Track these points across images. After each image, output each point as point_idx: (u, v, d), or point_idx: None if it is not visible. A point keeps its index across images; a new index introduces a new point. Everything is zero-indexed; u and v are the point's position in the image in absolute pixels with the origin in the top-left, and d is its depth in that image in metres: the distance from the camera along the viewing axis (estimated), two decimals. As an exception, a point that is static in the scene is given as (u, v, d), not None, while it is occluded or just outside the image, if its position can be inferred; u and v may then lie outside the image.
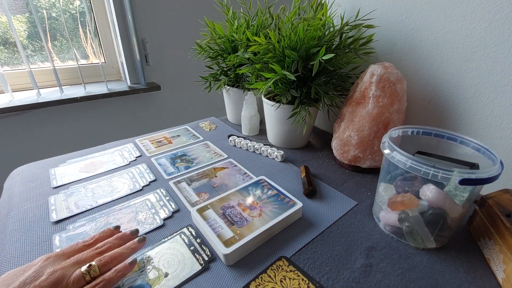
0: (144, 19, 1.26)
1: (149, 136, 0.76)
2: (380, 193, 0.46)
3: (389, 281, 0.37)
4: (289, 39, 0.56)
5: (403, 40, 0.60)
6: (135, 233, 0.40)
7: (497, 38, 0.48)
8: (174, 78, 1.45)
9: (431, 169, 0.35)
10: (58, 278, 0.30)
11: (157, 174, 0.59)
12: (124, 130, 1.39)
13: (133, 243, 0.38)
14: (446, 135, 0.46)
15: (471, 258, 0.40)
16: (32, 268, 0.30)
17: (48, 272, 0.30)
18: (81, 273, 0.32)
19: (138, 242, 0.38)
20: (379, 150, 0.57)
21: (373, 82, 0.54)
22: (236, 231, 0.41)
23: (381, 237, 0.44)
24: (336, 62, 0.59)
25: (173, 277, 0.36)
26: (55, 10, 1.17)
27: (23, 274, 0.30)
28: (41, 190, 0.53)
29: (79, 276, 0.31)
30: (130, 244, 0.37)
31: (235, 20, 0.74)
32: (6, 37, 1.10)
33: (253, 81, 0.64)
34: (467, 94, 0.53)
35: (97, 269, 0.33)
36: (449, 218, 0.39)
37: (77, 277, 0.31)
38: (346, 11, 0.69)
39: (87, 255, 0.34)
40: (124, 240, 0.38)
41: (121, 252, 0.36)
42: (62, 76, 1.22)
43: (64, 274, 0.31)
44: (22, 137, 1.15)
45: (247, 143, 0.70)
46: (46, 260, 0.32)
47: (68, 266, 0.32)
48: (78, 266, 0.33)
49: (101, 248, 0.36)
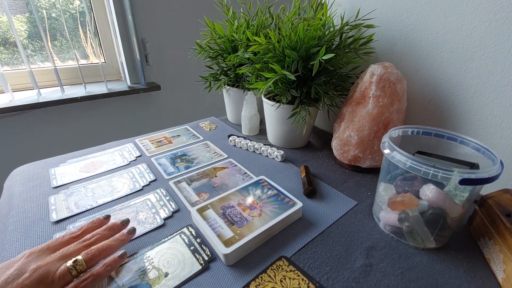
0: (144, 19, 1.26)
1: (149, 136, 0.76)
2: (380, 193, 0.46)
3: (389, 281, 0.37)
4: (289, 39, 0.56)
5: (403, 40, 0.60)
6: (125, 222, 0.38)
7: (497, 38, 0.48)
8: (174, 78, 1.45)
9: (431, 169, 0.35)
10: (42, 275, 0.28)
11: (157, 174, 0.59)
12: (124, 130, 1.39)
13: (122, 235, 0.36)
14: (446, 135, 0.46)
15: (471, 258, 0.40)
16: (14, 265, 0.28)
17: (31, 269, 0.28)
18: (67, 268, 0.29)
19: (127, 233, 0.36)
20: (379, 150, 0.57)
21: (373, 82, 0.54)
22: (236, 231, 0.41)
23: (381, 237, 0.44)
24: (336, 62, 0.59)
25: (173, 277, 0.36)
26: (55, 10, 1.17)
27: (5, 273, 0.27)
28: (41, 190, 0.53)
29: (64, 271, 0.29)
30: (119, 236, 0.36)
31: (235, 20, 0.74)
32: (7, 37, 1.10)
33: (253, 81, 0.64)
34: (467, 94, 0.53)
35: (83, 263, 0.31)
36: (449, 218, 0.39)
37: (63, 272, 0.29)
38: (346, 11, 0.69)
39: (73, 249, 0.32)
40: (114, 231, 0.36)
41: (110, 244, 0.34)
42: (62, 76, 1.22)
43: (49, 271, 0.28)
44: (22, 137, 1.15)
45: (247, 143, 0.70)
46: (29, 256, 0.29)
47: (53, 261, 0.29)
48: (64, 260, 0.30)
49: (89, 240, 0.34)
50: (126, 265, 0.38)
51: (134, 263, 0.38)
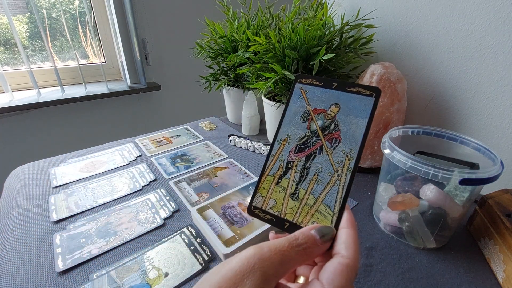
0: (145, 18, 1.26)
1: (149, 136, 0.76)
2: (380, 193, 0.46)
3: (389, 281, 0.37)
4: (289, 39, 0.56)
5: (403, 40, 0.60)
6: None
7: (497, 38, 0.48)
8: (174, 78, 1.45)
9: (432, 169, 0.35)
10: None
11: (157, 174, 0.59)
12: (124, 130, 1.39)
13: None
14: (446, 135, 0.46)
15: (471, 258, 0.40)
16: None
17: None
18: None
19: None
20: (379, 150, 0.57)
21: (373, 82, 0.54)
22: (236, 231, 0.41)
23: (381, 237, 0.44)
24: (336, 62, 0.59)
25: (173, 276, 0.36)
26: (55, 10, 1.17)
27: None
28: (41, 189, 0.53)
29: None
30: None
31: (235, 20, 0.74)
32: (7, 37, 1.10)
33: (253, 81, 0.64)
34: (467, 94, 0.53)
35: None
36: (449, 218, 0.39)
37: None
38: (347, 11, 0.69)
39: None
40: None
41: None
42: (62, 76, 1.22)
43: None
44: (22, 137, 1.15)
45: (247, 143, 0.70)
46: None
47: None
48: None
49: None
50: (126, 265, 0.38)
51: (134, 263, 0.38)
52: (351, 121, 0.25)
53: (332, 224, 0.23)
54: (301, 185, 0.25)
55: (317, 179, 0.25)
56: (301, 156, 0.26)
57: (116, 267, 0.38)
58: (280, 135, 0.27)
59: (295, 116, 0.27)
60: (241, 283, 0.17)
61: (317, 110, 0.27)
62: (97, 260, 0.39)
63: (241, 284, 0.17)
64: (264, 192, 0.26)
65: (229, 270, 0.18)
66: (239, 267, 0.18)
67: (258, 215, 0.26)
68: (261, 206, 0.26)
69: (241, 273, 0.18)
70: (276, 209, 0.25)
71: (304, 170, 0.26)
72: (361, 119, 0.25)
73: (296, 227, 0.22)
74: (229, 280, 0.17)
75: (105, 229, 0.44)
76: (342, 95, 0.26)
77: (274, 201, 0.26)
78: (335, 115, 0.26)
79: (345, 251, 0.20)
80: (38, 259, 0.39)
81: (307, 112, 0.27)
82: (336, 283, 0.19)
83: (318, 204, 0.24)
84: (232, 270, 0.18)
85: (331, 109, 0.26)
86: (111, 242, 0.42)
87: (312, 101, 0.27)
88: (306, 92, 0.28)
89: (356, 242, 0.21)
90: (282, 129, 0.27)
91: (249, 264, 0.18)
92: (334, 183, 0.24)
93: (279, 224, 0.25)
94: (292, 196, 0.25)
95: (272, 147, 0.27)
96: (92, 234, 0.43)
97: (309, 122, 0.27)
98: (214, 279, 0.18)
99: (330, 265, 0.20)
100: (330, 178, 0.24)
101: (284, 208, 0.25)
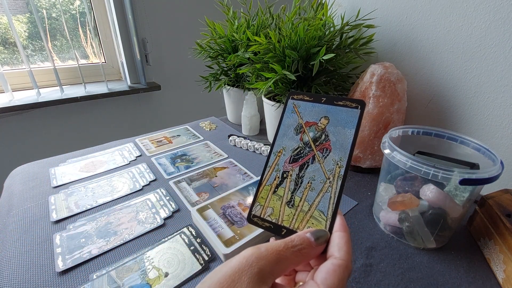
0: (145, 18, 1.26)
1: (149, 135, 0.76)
2: (380, 193, 0.46)
3: (389, 281, 0.37)
4: (289, 39, 0.56)
5: (403, 40, 0.60)
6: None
7: (497, 38, 0.48)
8: (174, 78, 1.45)
9: (432, 169, 0.35)
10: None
11: (157, 174, 0.59)
12: (124, 130, 1.39)
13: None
14: (447, 135, 0.46)
15: (471, 258, 0.40)
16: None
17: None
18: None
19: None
20: (379, 150, 0.57)
21: (373, 82, 0.54)
22: (236, 231, 0.41)
23: (381, 237, 0.44)
24: (336, 62, 0.58)
25: (173, 276, 0.36)
26: (55, 10, 1.17)
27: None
28: (41, 189, 0.53)
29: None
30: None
31: (235, 20, 0.74)
32: (7, 37, 1.10)
33: (254, 81, 0.64)
34: (467, 94, 0.53)
35: None
36: (449, 218, 0.39)
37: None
38: (347, 11, 0.69)
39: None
40: None
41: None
42: (62, 76, 1.22)
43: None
44: (22, 137, 1.15)
45: (247, 143, 0.70)
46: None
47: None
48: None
49: None
50: (126, 265, 0.38)
51: (134, 263, 0.38)
52: (340, 131, 0.27)
53: (326, 228, 0.24)
54: (296, 193, 0.27)
55: (310, 186, 0.26)
56: (295, 166, 0.28)
57: (116, 267, 0.38)
58: (275, 147, 0.29)
59: (289, 129, 0.29)
60: (239, 279, 0.19)
61: (309, 123, 0.29)
62: (97, 260, 0.39)
63: (239, 280, 0.19)
64: (262, 201, 0.28)
65: (229, 268, 0.19)
66: (237, 265, 0.19)
67: (257, 223, 0.27)
68: (260, 214, 0.27)
69: (240, 270, 0.19)
70: (273, 216, 0.27)
71: (299, 179, 0.27)
72: (349, 129, 0.27)
73: (292, 233, 0.24)
74: (228, 278, 0.19)
75: (105, 229, 0.44)
76: (331, 108, 0.28)
77: (272, 209, 0.27)
78: (325, 127, 0.28)
79: (338, 253, 0.22)
80: (38, 259, 0.39)
81: (300, 125, 0.29)
82: (329, 282, 0.20)
83: (312, 210, 0.26)
84: (232, 268, 0.19)
85: (321, 121, 0.28)
86: (111, 242, 0.42)
87: (303, 115, 0.29)
88: (298, 107, 0.30)
89: (348, 244, 0.22)
90: (277, 141, 0.29)
91: (247, 262, 0.20)
92: (327, 190, 0.26)
93: (277, 231, 0.26)
94: (288, 204, 0.27)
95: (268, 159, 0.29)
96: (92, 234, 0.43)
97: (302, 134, 0.29)
98: (215, 277, 0.19)
99: (324, 266, 0.21)
100: (322, 185, 0.26)
101: (281, 215, 0.26)
